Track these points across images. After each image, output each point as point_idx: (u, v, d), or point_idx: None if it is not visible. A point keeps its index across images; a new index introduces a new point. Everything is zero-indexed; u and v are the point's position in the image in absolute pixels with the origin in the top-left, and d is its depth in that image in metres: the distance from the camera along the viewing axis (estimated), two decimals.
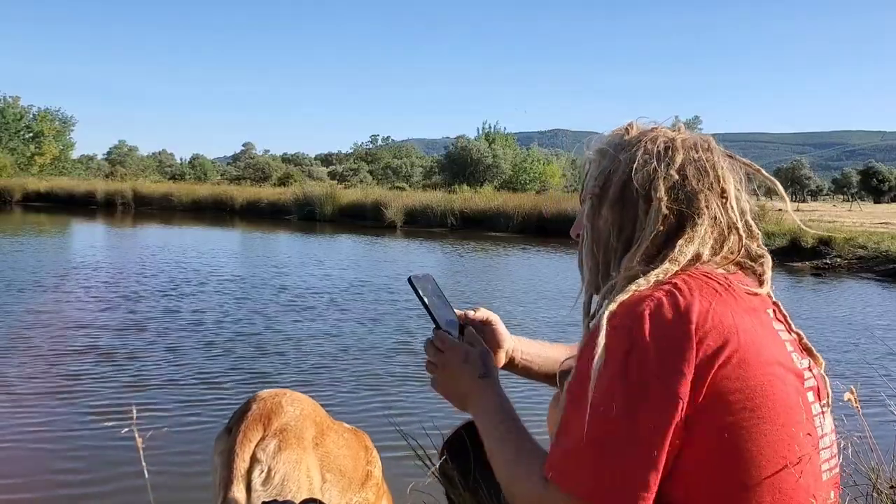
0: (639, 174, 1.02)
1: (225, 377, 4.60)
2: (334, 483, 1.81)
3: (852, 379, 4.26)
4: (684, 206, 1.01)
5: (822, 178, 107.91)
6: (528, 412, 3.07)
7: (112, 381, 4.41)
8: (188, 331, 5.91)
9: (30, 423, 3.68)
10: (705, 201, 1.01)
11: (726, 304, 0.93)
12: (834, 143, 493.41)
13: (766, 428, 0.90)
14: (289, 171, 57.32)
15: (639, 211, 1.03)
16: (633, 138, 1.08)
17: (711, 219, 1.01)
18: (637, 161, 1.03)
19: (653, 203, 1.01)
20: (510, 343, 1.37)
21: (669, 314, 0.90)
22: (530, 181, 45.28)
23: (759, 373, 0.91)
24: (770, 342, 0.95)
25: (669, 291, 0.93)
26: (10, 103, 47.41)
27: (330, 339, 5.84)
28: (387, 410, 3.99)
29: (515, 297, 8.61)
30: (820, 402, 1.00)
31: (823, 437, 0.98)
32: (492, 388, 1.15)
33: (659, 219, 1.00)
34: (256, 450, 1.65)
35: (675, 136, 1.07)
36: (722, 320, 0.91)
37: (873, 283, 11.33)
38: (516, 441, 1.06)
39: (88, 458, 3.26)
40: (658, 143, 1.04)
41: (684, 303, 0.91)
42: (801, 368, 0.98)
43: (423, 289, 1.22)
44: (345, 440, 1.91)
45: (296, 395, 1.85)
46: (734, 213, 1.03)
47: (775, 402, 0.91)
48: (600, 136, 1.13)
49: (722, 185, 1.03)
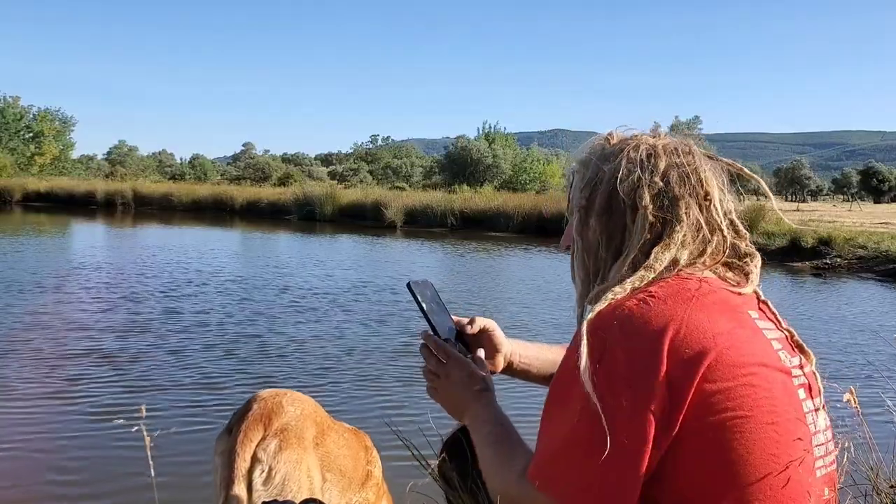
0: (624, 183, 1.03)
1: (226, 378, 4.60)
2: (334, 483, 1.81)
3: (852, 379, 4.26)
4: (668, 212, 1.02)
5: (822, 178, 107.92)
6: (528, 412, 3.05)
7: (112, 383, 4.42)
8: (189, 332, 5.92)
9: (31, 425, 3.69)
10: (685, 207, 1.02)
11: (701, 309, 0.93)
12: (834, 143, 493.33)
13: (751, 427, 0.90)
14: (289, 171, 57.35)
15: (626, 220, 1.03)
16: (616, 147, 1.08)
17: (691, 224, 1.02)
18: (621, 171, 1.04)
19: (639, 211, 1.02)
20: (508, 347, 1.39)
21: (639, 323, 0.91)
22: (530, 181, 45.29)
23: (740, 373, 0.91)
24: (752, 342, 0.95)
25: (642, 300, 0.94)
26: (10, 103, 47.41)
27: (331, 339, 5.84)
28: (387, 410, 4.00)
29: (520, 299, 8.61)
30: (812, 399, 1.00)
31: (817, 434, 0.98)
32: (490, 402, 1.18)
33: (645, 227, 1.01)
34: (257, 449, 1.65)
35: (657, 142, 1.07)
36: (697, 326, 0.91)
37: (873, 282, 11.33)
38: (507, 446, 1.09)
39: (90, 460, 3.26)
40: (640, 151, 1.05)
41: (656, 311, 0.92)
42: (790, 367, 0.99)
43: (421, 295, 1.24)
44: (345, 440, 1.92)
45: (296, 395, 1.85)
46: (718, 215, 1.04)
47: (759, 401, 0.91)
48: (582, 147, 1.14)
49: (705, 189, 1.04)
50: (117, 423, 3.67)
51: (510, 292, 9.18)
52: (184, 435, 3.51)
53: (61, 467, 3.18)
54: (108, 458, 3.26)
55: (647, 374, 0.88)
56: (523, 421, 1.17)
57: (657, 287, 0.96)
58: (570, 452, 0.92)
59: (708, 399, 0.89)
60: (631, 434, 0.88)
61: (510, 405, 3.80)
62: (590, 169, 1.08)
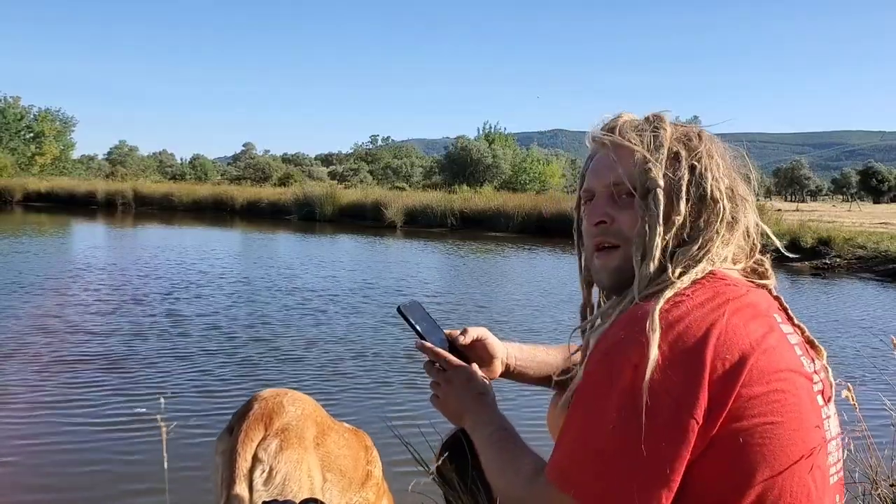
0: (707, 174, 1.03)
1: (226, 378, 4.60)
2: (335, 483, 1.81)
3: (852, 379, 4.26)
4: (735, 211, 1.04)
5: (822, 178, 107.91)
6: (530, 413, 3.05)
7: (112, 383, 4.42)
8: (189, 332, 5.92)
9: (33, 431, 3.68)
10: (744, 208, 1.05)
11: (736, 314, 0.93)
12: (833, 143, 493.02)
13: (779, 433, 0.90)
14: (289, 172, 57.35)
15: (702, 210, 1.03)
16: (684, 134, 1.07)
17: (747, 223, 1.06)
18: (703, 161, 1.04)
19: (719, 204, 1.03)
20: (503, 352, 1.40)
21: (681, 329, 0.90)
22: (530, 181, 45.27)
23: (773, 379, 0.91)
24: (781, 348, 0.95)
25: (680, 303, 0.93)
26: (10, 103, 47.39)
27: (331, 339, 5.84)
28: (387, 411, 4.00)
29: (524, 299, 8.61)
30: (826, 405, 1.00)
31: (830, 442, 0.99)
32: (491, 404, 1.20)
33: (721, 221, 1.02)
34: (258, 449, 1.65)
35: (712, 146, 1.07)
36: (735, 331, 0.91)
37: (873, 282, 11.34)
38: (512, 448, 1.09)
39: (91, 460, 3.26)
40: (705, 146, 1.06)
41: (695, 317, 0.91)
42: (811, 372, 0.99)
43: (412, 316, 1.28)
44: (345, 440, 1.92)
45: (297, 395, 1.85)
46: (754, 216, 1.08)
47: (787, 407, 0.91)
48: (629, 122, 1.09)
49: (747, 191, 1.08)
50: (118, 423, 3.68)
51: (513, 293, 9.18)
52: (184, 436, 3.51)
53: (61, 471, 3.17)
54: (109, 460, 3.26)
55: (689, 383, 0.88)
56: (523, 423, 1.17)
57: (693, 290, 0.95)
58: (606, 457, 0.90)
59: (743, 404, 0.89)
60: (671, 441, 0.87)
61: (510, 405, 3.79)
62: (660, 150, 1.04)
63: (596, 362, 0.95)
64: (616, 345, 0.92)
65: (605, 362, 0.93)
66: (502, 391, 1.26)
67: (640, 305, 0.94)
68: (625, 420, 0.87)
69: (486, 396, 1.20)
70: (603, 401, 0.91)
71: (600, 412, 0.91)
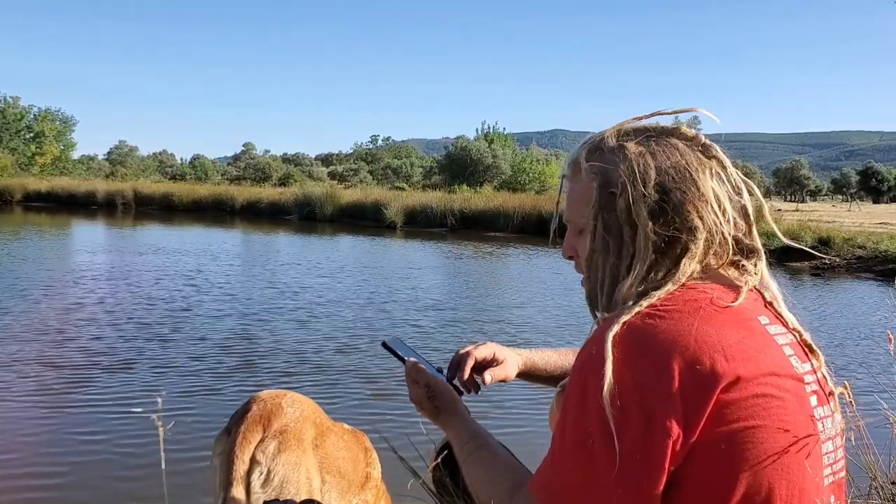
0: (622, 198, 1.00)
1: (226, 379, 4.60)
2: (334, 485, 1.81)
3: (852, 379, 4.25)
4: (675, 225, 1.00)
5: (821, 178, 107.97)
6: (529, 413, 3.04)
7: (112, 384, 4.42)
8: (189, 333, 5.92)
9: (32, 430, 3.68)
10: (696, 213, 1.00)
11: (708, 321, 0.92)
12: (833, 144, 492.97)
13: (763, 436, 0.90)
14: (289, 172, 57.37)
15: (626, 237, 1.01)
16: (607, 152, 1.05)
17: (706, 230, 1.00)
18: (618, 184, 1.01)
19: (639, 231, 1.00)
20: (514, 358, 1.46)
21: (646, 342, 0.91)
22: (530, 181, 45.19)
23: (752, 384, 0.90)
24: (763, 352, 0.94)
25: (647, 315, 0.93)
26: (10, 103, 47.43)
27: (332, 340, 5.84)
28: (388, 411, 4.00)
29: (525, 300, 8.61)
30: (822, 405, 0.99)
31: (826, 442, 0.97)
32: (460, 414, 1.24)
33: (649, 246, 0.99)
34: (256, 451, 1.64)
35: (643, 149, 1.03)
36: (706, 340, 0.90)
37: (872, 282, 11.34)
38: (488, 460, 1.12)
39: (92, 460, 3.26)
40: (629, 159, 1.02)
41: (662, 328, 0.91)
42: (802, 373, 0.98)
43: (398, 349, 1.35)
44: (344, 442, 1.91)
45: (296, 397, 1.85)
46: (715, 211, 1.01)
47: (770, 410, 0.91)
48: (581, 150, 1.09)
49: (701, 190, 1.01)
50: (116, 422, 3.68)
51: (513, 293, 9.17)
52: (182, 436, 3.51)
53: (59, 472, 3.17)
54: (108, 461, 3.26)
55: (659, 394, 0.88)
56: (523, 425, 1.17)
57: (662, 301, 0.95)
58: (581, 472, 0.91)
59: (722, 410, 0.89)
60: (646, 454, 0.87)
61: (511, 407, 3.79)
62: (607, 185, 1.03)
63: (572, 380, 0.97)
64: (587, 361, 0.93)
65: (579, 379, 0.94)
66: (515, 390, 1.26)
67: (609, 320, 0.95)
68: (601, 434, 0.89)
69: (455, 406, 1.25)
70: (581, 415, 0.92)
71: (580, 427, 0.92)
